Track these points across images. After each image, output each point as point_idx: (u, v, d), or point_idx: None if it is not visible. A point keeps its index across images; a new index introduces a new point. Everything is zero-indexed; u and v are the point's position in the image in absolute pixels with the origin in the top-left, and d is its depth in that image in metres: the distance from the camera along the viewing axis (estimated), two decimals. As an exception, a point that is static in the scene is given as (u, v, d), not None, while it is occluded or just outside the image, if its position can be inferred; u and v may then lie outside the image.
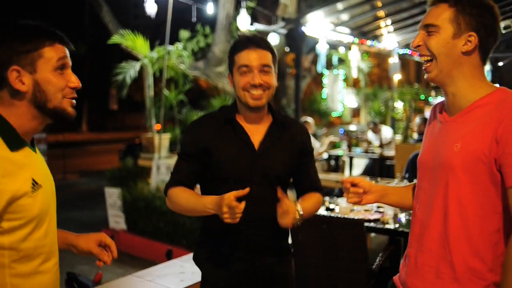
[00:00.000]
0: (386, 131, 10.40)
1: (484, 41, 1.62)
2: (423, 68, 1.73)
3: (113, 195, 7.85)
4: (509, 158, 1.50)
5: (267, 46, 2.06)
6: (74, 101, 1.55)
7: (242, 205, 1.76)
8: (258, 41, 2.05)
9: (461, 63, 1.63)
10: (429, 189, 1.72)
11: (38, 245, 1.49)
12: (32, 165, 1.48)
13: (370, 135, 10.22)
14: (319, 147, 8.68)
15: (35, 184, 1.45)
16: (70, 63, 1.54)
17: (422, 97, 14.62)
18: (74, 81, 1.54)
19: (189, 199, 1.99)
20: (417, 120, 8.14)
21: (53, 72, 1.49)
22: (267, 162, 2.07)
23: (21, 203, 1.40)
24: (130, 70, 9.12)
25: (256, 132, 2.09)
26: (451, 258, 1.63)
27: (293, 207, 1.93)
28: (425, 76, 1.72)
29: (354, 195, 1.86)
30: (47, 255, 1.54)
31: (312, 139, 8.99)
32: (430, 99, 15.24)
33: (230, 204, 1.74)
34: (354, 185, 1.85)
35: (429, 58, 1.68)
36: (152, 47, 9.24)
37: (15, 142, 1.44)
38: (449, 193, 1.63)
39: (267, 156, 2.06)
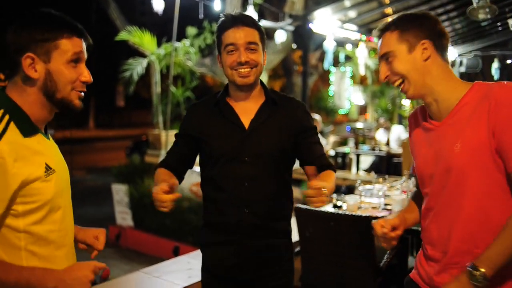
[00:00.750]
0: (399, 130, 10.33)
1: (437, 43, 1.73)
2: (400, 91, 1.84)
3: (120, 191, 7.87)
4: (506, 145, 1.56)
5: (253, 24, 2.05)
6: (82, 94, 1.58)
7: (168, 197, 1.79)
8: (243, 19, 2.04)
9: (428, 70, 1.73)
10: (440, 194, 1.75)
11: (53, 229, 1.52)
12: (46, 150, 1.52)
13: (382, 134, 10.11)
14: (325, 145, 8.67)
15: (48, 169, 1.49)
16: (85, 57, 1.57)
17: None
18: (86, 75, 1.57)
19: (158, 179, 2.05)
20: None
21: (67, 64, 1.51)
22: (258, 140, 2.06)
23: (34, 186, 1.43)
24: (137, 67, 9.13)
25: (247, 112, 2.09)
26: (479, 251, 1.63)
27: (320, 190, 1.77)
28: (405, 97, 1.83)
29: (390, 239, 1.88)
30: (63, 239, 1.58)
31: (320, 138, 9.01)
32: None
33: (156, 197, 1.80)
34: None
35: (400, 80, 1.79)
36: (159, 44, 9.24)
37: (28, 129, 1.48)
38: (464, 192, 1.67)
39: (258, 134, 2.06)
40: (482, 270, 1.53)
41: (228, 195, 2.07)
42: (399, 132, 10.11)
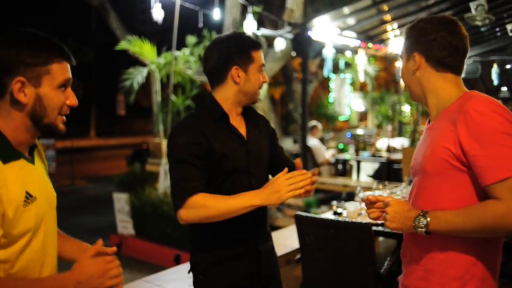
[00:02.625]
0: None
1: (430, 54, 1.78)
2: None
3: (121, 200, 7.87)
4: (478, 159, 1.58)
5: None
6: (64, 118, 1.54)
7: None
8: (262, 43, 2.18)
9: (417, 81, 1.83)
10: (413, 193, 1.84)
11: (34, 258, 1.48)
12: (27, 177, 1.46)
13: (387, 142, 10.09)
14: (324, 152, 8.69)
15: (29, 197, 1.43)
16: (71, 81, 1.53)
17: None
18: (72, 99, 1.53)
19: (224, 199, 1.92)
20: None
21: (56, 89, 1.48)
22: (257, 151, 2.18)
23: (13, 217, 1.38)
24: (137, 76, 9.15)
25: (240, 125, 2.18)
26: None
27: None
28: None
29: (376, 209, 1.89)
30: (42, 265, 1.53)
31: (320, 145, 9.04)
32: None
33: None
34: (373, 202, 1.89)
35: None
36: (159, 53, 9.28)
37: (9, 155, 1.42)
38: (426, 196, 1.76)
39: (255, 145, 2.17)
40: (428, 219, 1.61)
41: None
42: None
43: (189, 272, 2.21)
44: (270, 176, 2.30)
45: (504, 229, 1.54)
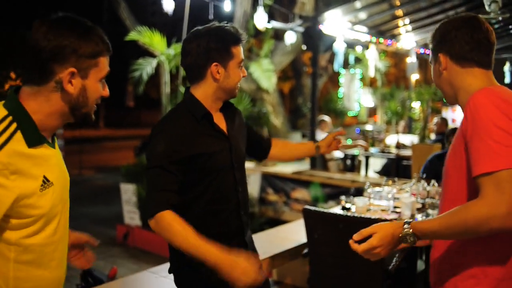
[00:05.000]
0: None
1: (453, 51, 1.80)
2: None
3: (128, 191, 7.88)
4: (471, 150, 1.58)
5: None
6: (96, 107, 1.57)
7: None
8: (244, 36, 2.14)
9: (446, 81, 1.84)
10: (441, 194, 1.86)
11: (46, 242, 1.48)
12: (47, 162, 1.46)
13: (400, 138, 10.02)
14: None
15: (45, 182, 1.43)
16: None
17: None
18: (107, 91, 1.55)
19: (190, 236, 1.87)
20: (436, 119, 8.04)
21: (99, 82, 1.50)
22: (237, 145, 2.19)
23: (29, 201, 1.38)
24: (146, 67, 9.13)
25: (220, 120, 2.17)
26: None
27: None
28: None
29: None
30: (54, 253, 1.53)
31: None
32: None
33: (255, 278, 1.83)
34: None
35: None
36: (169, 44, 9.25)
37: (34, 139, 1.42)
38: (445, 195, 1.79)
39: (235, 140, 2.18)
40: (413, 239, 1.63)
41: (228, 203, 2.12)
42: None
43: (170, 272, 2.21)
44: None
45: (488, 231, 1.50)
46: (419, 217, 3.78)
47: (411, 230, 1.63)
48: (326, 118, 9.52)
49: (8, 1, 22.84)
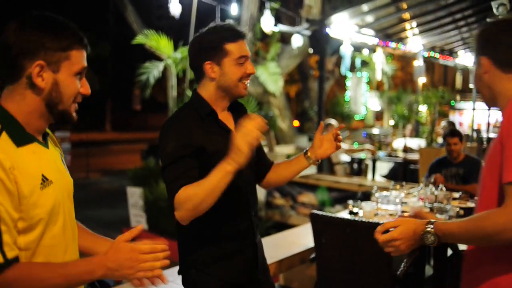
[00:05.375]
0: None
1: (496, 56, 1.73)
2: None
3: (134, 194, 7.88)
4: (504, 156, 1.54)
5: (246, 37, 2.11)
6: (77, 106, 1.53)
7: None
8: (245, 33, 2.07)
9: (487, 85, 1.78)
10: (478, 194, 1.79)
11: (54, 243, 1.47)
12: (42, 160, 1.45)
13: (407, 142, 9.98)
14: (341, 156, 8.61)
15: (45, 180, 1.42)
16: (86, 69, 1.52)
17: (453, 103, 14.41)
18: (87, 88, 1.53)
19: (201, 182, 1.83)
20: (443, 123, 8.00)
21: (73, 77, 1.47)
22: None
23: (31, 200, 1.37)
24: (153, 70, 9.16)
25: (228, 120, 2.14)
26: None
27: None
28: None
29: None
30: (65, 255, 1.52)
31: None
32: (453, 103, 15.01)
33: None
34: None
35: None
36: (175, 48, 9.27)
37: (22, 138, 1.41)
38: (480, 201, 1.71)
39: None
40: (433, 238, 1.62)
41: (237, 202, 2.09)
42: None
43: (179, 273, 2.18)
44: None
45: (505, 241, 1.47)
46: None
47: (433, 229, 1.61)
48: (333, 121, 9.48)
49: (11, 8, 23.00)
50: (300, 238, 4.67)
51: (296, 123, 8.98)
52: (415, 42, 11.72)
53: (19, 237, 1.37)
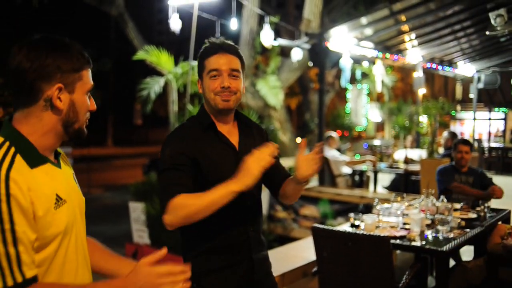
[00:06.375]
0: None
1: None
2: None
3: (137, 209, 7.89)
4: None
5: (236, 52, 2.12)
6: (87, 122, 1.58)
7: None
8: (227, 46, 2.10)
9: None
10: None
11: (66, 261, 1.49)
12: (55, 180, 1.48)
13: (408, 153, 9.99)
14: (342, 160, 8.61)
15: (59, 199, 1.45)
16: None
17: (453, 113, 14.42)
18: (93, 105, 1.57)
19: (202, 194, 1.84)
20: (445, 134, 8.01)
21: (85, 95, 1.52)
22: None
23: (45, 220, 1.39)
24: (154, 86, 9.20)
25: (231, 134, 2.15)
26: None
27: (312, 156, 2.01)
28: None
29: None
30: (76, 270, 1.54)
31: (337, 155, 8.99)
32: (453, 113, 15.02)
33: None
34: None
35: None
36: (176, 63, 9.32)
37: (35, 160, 1.43)
38: None
39: (247, 155, 2.00)
40: None
41: (234, 216, 2.08)
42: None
43: None
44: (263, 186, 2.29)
45: None
46: (428, 233, 3.76)
47: None
48: (334, 134, 9.51)
49: (18, 25, 23.15)
50: (302, 251, 4.68)
51: (298, 140, 9.04)
52: (415, 54, 11.77)
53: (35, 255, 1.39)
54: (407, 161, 9.26)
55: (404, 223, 3.96)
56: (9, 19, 22.79)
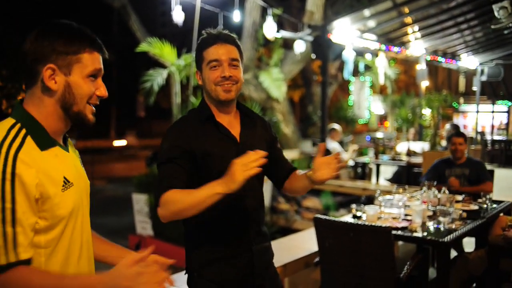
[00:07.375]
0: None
1: None
2: None
3: (140, 201, 7.92)
4: None
5: (234, 42, 2.12)
6: (94, 108, 1.57)
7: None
8: (225, 36, 2.10)
9: None
10: None
11: (71, 242, 1.52)
12: (63, 163, 1.51)
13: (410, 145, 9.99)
14: (345, 156, 8.63)
15: (66, 182, 1.48)
16: (102, 72, 1.57)
17: (456, 105, 14.39)
18: (102, 90, 1.57)
19: (192, 192, 1.86)
20: (447, 127, 8.01)
21: (86, 78, 1.52)
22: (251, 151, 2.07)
23: (53, 201, 1.42)
24: (157, 78, 9.21)
25: (232, 126, 2.15)
26: None
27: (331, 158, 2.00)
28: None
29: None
30: (81, 253, 1.57)
31: (338, 147, 9.00)
32: (456, 106, 15.00)
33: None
34: None
35: None
36: (179, 55, 9.33)
37: (45, 142, 1.47)
38: None
39: (249, 147, 2.02)
40: None
41: (234, 207, 2.10)
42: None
43: (185, 273, 2.21)
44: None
45: None
46: (430, 224, 3.78)
47: None
48: (337, 126, 9.51)
49: (22, 18, 23.14)
50: (304, 242, 4.70)
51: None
52: (418, 46, 11.75)
53: (41, 235, 1.42)
54: (410, 153, 9.26)
55: (406, 215, 3.98)
56: (12, 12, 22.77)
